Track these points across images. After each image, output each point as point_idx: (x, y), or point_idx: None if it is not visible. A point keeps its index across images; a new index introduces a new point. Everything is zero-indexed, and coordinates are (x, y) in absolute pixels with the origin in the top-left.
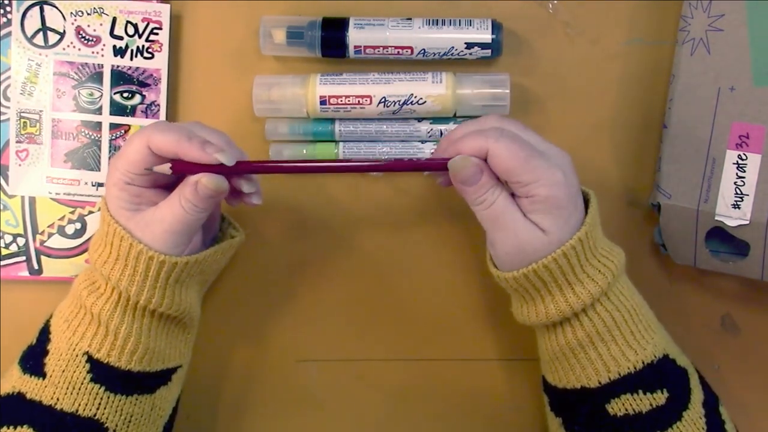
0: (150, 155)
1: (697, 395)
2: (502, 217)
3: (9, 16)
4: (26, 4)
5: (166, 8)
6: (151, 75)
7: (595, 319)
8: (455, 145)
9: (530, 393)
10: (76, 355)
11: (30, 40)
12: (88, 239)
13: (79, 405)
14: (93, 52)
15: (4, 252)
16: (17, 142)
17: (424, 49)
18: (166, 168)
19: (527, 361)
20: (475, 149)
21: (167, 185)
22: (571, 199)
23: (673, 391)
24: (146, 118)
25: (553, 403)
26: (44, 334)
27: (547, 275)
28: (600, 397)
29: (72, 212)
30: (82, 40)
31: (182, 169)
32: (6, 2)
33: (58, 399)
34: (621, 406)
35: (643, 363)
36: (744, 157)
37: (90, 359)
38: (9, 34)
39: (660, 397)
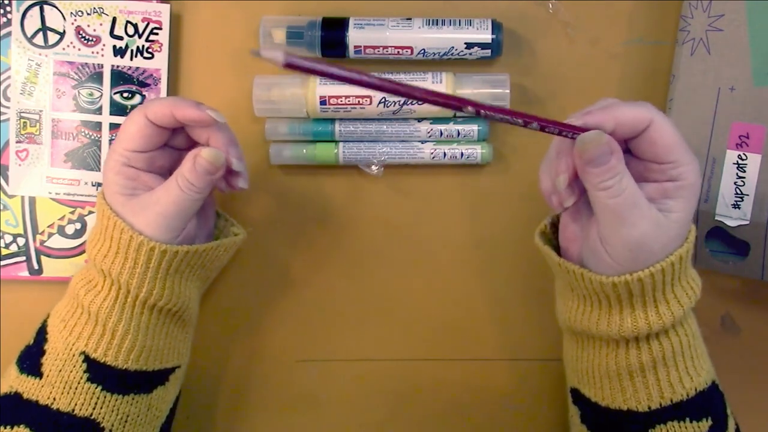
0: (148, 125)
1: (732, 422)
2: (630, 209)
3: (9, 16)
4: (26, 4)
5: (166, 8)
6: (151, 75)
7: (666, 344)
8: (610, 112)
9: (530, 393)
10: (73, 355)
11: (30, 40)
12: None
13: (76, 405)
14: (93, 52)
15: (4, 252)
16: (17, 142)
17: (424, 49)
18: (278, 57)
19: (528, 362)
20: (637, 118)
21: (163, 170)
22: None
23: (715, 419)
24: None
25: (588, 416)
26: (41, 334)
27: (651, 284)
28: (646, 422)
29: (72, 212)
30: (82, 40)
31: (295, 65)
32: (6, 2)
33: (54, 399)
34: None
35: (696, 390)
36: (744, 157)
37: (87, 359)
38: (9, 34)
39: (704, 426)
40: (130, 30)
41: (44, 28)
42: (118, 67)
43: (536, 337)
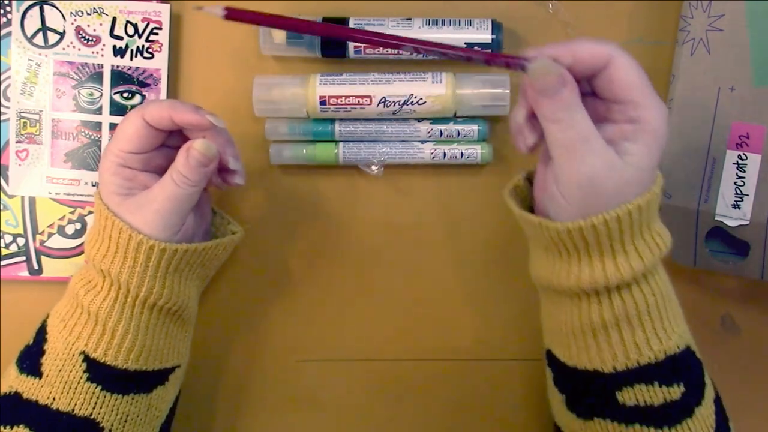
0: (145, 127)
1: (710, 391)
2: (582, 143)
3: (9, 16)
4: (26, 4)
5: (166, 8)
6: (151, 75)
7: (628, 300)
8: (568, 46)
9: (530, 393)
10: (73, 355)
11: (30, 40)
12: None
13: (75, 405)
14: (93, 52)
15: (4, 252)
16: (17, 142)
17: None
18: (218, 11)
19: (528, 362)
20: (594, 54)
21: (160, 169)
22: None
23: (688, 386)
24: None
25: (559, 378)
26: (41, 334)
27: (606, 231)
28: (612, 383)
29: (72, 212)
30: (82, 40)
31: (237, 16)
32: (6, 2)
33: (54, 399)
34: (633, 396)
35: (665, 354)
36: (744, 157)
37: (86, 359)
38: (9, 34)
39: (675, 391)
40: (130, 30)
41: (44, 28)
42: (118, 67)
43: (536, 336)
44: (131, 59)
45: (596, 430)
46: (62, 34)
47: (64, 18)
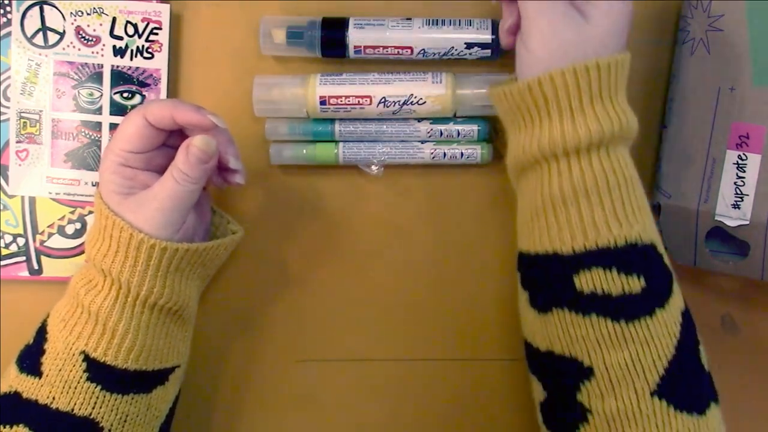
0: (147, 127)
1: (677, 301)
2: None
3: (9, 16)
4: (26, 4)
5: (166, 8)
6: (151, 75)
7: (587, 171)
8: None
9: (530, 393)
10: (73, 354)
11: (30, 40)
12: None
13: (75, 404)
14: (93, 52)
15: (4, 252)
16: (17, 142)
17: (424, 49)
18: None
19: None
20: None
21: (160, 168)
22: (626, 24)
23: (650, 283)
24: None
25: (524, 277)
26: (41, 333)
27: (564, 85)
28: (570, 266)
29: (72, 212)
30: (82, 40)
31: None
32: (6, 2)
33: (53, 398)
34: (590, 281)
35: (626, 240)
36: (744, 157)
37: (86, 358)
38: (9, 34)
39: (635, 284)
40: (130, 30)
41: (44, 28)
42: (118, 67)
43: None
44: (131, 59)
45: (554, 322)
46: (62, 34)
47: (64, 18)
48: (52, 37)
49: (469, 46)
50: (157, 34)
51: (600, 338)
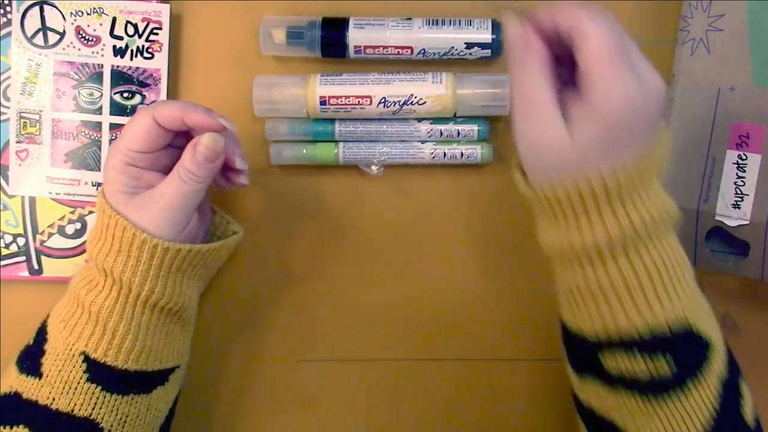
0: (155, 127)
1: (715, 371)
2: (529, 106)
3: (9, 16)
4: (26, 4)
5: (166, 8)
6: (151, 75)
7: (601, 273)
8: (552, 9)
9: (531, 393)
10: (73, 355)
11: (30, 40)
12: None
13: (75, 405)
14: (93, 52)
15: (4, 252)
16: (17, 142)
17: (424, 49)
18: None
19: (529, 362)
20: (562, 20)
21: (166, 168)
22: (636, 125)
23: (679, 364)
24: None
25: (563, 336)
26: (41, 334)
27: (546, 199)
28: (595, 345)
29: (72, 212)
30: (82, 40)
31: None
32: (6, 2)
33: (54, 399)
34: (615, 362)
35: (650, 331)
36: (744, 157)
37: (86, 359)
38: (9, 34)
39: (663, 367)
40: (130, 30)
41: (44, 28)
42: (118, 67)
43: (536, 336)
44: (131, 59)
45: (589, 386)
46: (62, 34)
47: (64, 18)
48: (52, 37)
49: (469, 46)
50: (157, 34)
51: (630, 409)
